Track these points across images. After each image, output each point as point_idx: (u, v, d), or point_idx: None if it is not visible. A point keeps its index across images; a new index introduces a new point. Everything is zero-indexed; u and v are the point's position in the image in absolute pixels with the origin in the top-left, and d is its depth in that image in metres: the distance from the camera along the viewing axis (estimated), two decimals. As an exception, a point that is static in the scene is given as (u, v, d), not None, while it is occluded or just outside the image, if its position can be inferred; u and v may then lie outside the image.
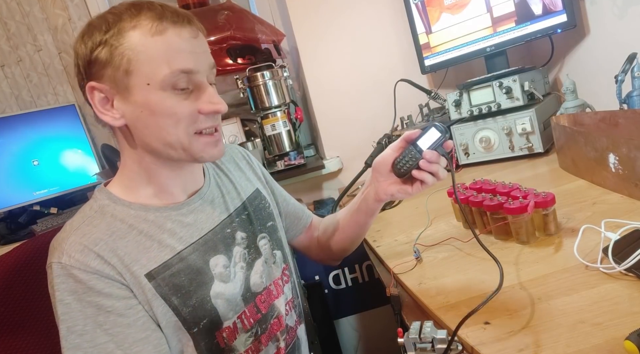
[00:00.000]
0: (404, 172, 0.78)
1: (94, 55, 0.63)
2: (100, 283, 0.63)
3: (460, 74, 1.66)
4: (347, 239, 0.94)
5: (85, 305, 0.62)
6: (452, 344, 0.55)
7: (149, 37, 0.62)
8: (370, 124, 1.68)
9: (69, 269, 0.62)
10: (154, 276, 0.67)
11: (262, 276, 0.80)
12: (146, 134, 0.66)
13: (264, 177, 0.93)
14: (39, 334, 0.84)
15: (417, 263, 0.82)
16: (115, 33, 0.62)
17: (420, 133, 0.77)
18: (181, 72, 0.63)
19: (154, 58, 0.62)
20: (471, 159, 1.34)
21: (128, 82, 0.63)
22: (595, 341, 0.50)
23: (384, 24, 1.69)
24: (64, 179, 1.71)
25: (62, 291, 0.62)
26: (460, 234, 0.88)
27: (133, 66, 0.62)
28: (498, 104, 1.26)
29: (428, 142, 0.76)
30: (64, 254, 0.63)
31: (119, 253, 0.65)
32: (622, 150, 0.82)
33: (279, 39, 1.75)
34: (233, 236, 0.78)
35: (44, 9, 1.79)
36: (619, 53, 1.08)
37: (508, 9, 1.37)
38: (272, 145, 1.67)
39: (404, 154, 0.78)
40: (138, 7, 0.63)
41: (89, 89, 0.65)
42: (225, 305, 0.73)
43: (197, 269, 0.71)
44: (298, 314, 0.89)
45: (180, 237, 0.71)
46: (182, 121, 0.65)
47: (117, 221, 0.68)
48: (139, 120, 0.65)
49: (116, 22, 0.62)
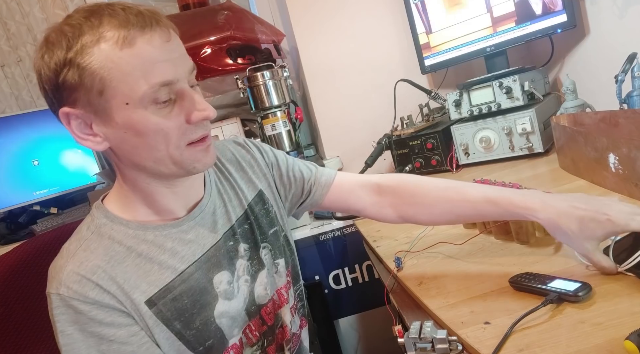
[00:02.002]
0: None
1: (61, 78, 0.56)
2: (100, 312, 0.61)
3: (460, 74, 1.66)
4: (442, 215, 0.79)
5: (87, 335, 0.61)
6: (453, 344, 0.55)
7: (118, 51, 0.55)
8: (370, 124, 1.68)
9: (68, 301, 0.60)
10: (155, 302, 0.64)
11: (266, 287, 0.77)
12: (134, 154, 0.62)
13: (272, 170, 0.84)
14: (39, 335, 0.84)
15: (398, 272, 0.81)
16: (79, 50, 0.55)
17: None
18: (161, 85, 0.57)
19: (128, 74, 0.56)
20: (471, 159, 1.34)
21: (104, 103, 0.57)
22: (596, 341, 0.50)
23: (384, 23, 1.69)
24: (64, 179, 1.71)
25: (62, 322, 0.61)
26: (461, 234, 0.88)
27: (107, 86, 0.56)
28: (498, 104, 1.26)
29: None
30: (62, 285, 0.60)
31: (118, 280, 0.62)
32: (622, 150, 0.82)
33: (279, 39, 1.75)
34: (236, 248, 0.74)
35: (43, 9, 1.79)
36: (619, 53, 1.07)
37: (508, 9, 1.36)
38: (272, 145, 1.67)
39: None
40: (98, 16, 0.56)
41: (62, 116, 0.59)
42: (230, 323, 0.71)
43: (201, 289, 0.68)
44: (301, 316, 0.87)
45: (182, 256, 0.68)
46: (172, 136, 0.60)
47: (115, 243, 0.65)
48: (124, 142, 0.60)
49: (77, 37, 0.55)
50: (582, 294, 0.57)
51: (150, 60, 0.57)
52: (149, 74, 0.56)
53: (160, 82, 0.57)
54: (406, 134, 1.44)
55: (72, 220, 1.56)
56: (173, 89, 0.59)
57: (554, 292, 0.58)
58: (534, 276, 0.63)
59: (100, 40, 0.55)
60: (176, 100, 0.60)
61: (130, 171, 0.66)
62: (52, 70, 0.57)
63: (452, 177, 1.26)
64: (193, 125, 0.62)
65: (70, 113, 0.59)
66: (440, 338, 0.57)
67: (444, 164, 1.35)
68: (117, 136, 0.60)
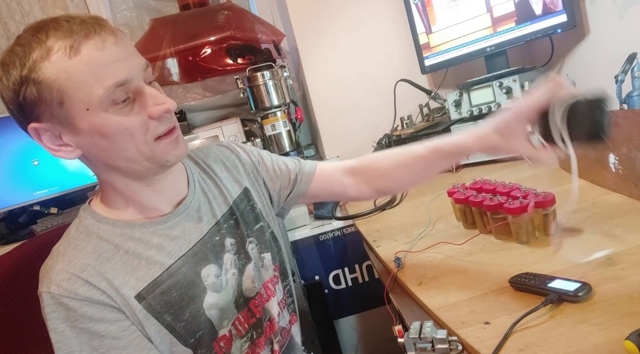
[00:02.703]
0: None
1: (21, 97, 0.58)
2: (91, 309, 0.62)
3: (460, 74, 1.66)
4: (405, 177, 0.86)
5: (79, 332, 0.62)
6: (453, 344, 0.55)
7: (68, 61, 0.57)
8: (370, 124, 1.68)
9: (59, 298, 0.61)
10: (144, 296, 0.66)
11: (254, 280, 0.78)
12: (106, 157, 0.64)
13: (256, 168, 0.87)
14: (38, 336, 0.84)
15: (398, 272, 0.81)
16: (32, 66, 0.57)
17: None
18: (116, 86, 0.59)
19: (82, 81, 0.58)
20: (471, 159, 1.34)
21: (66, 113, 0.59)
22: (596, 341, 0.50)
23: (384, 23, 1.69)
24: (64, 179, 1.70)
25: (54, 319, 0.62)
26: (462, 234, 0.88)
27: (65, 96, 0.58)
28: (498, 104, 1.26)
29: None
30: (52, 284, 0.62)
31: (107, 276, 0.64)
32: (622, 150, 0.82)
33: (279, 39, 1.75)
34: (222, 243, 0.76)
35: (44, 9, 1.79)
36: (619, 53, 1.07)
37: (508, 9, 1.37)
38: (272, 145, 1.67)
39: None
40: (43, 31, 0.58)
41: (32, 132, 0.62)
42: (220, 314, 0.72)
43: (189, 282, 0.69)
44: (291, 312, 0.88)
45: (169, 252, 0.69)
46: (136, 133, 0.62)
47: (103, 241, 0.67)
48: (93, 146, 0.62)
49: (27, 55, 0.57)
50: (582, 294, 0.57)
51: (101, 64, 0.58)
52: (102, 77, 0.58)
53: (114, 84, 0.59)
54: (406, 134, 1.44)
55: (72, 220, 1.56)
56: (129, 88, 0.61)
57: (554, 292, 0.58)
58: (534, 276, 0.63)
59: (49, 53, 0.57)
60: (135, 98, 0.62)
61: (107, 175, 0.67)
62: (12, 90, 0.59)
63: (453, 179, 1.26)
64: (156, 120, 0.63)
65: (38, 128, 0.61)
66: (440, 338, 0.57)
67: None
68: (86, 142, 0.62)
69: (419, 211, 1.10)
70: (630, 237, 0.70)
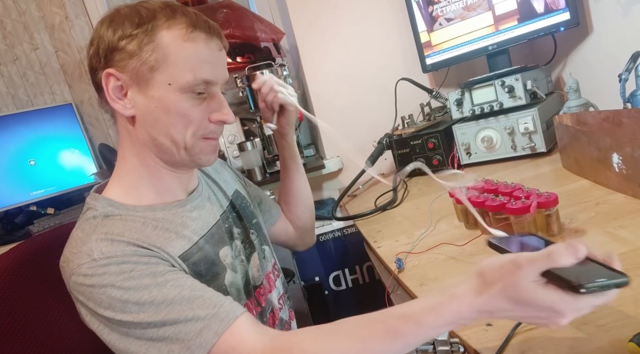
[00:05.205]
0: None
1: (121, 44, 0.64)
2: (143, 258, 0.60)
3: (462, 72, 1.65)
4: (297, 203, 1.00)
5: (139, 276, 0.58)
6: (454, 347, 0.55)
7: (181, 42, 0.64)
8: (370, 124, 1.67)
9: (105, 262, 0.58)
10: (186, 259, 0.67)
11: (259, 269, 0.82)
12: (155, 128, 0.67)
13: (244, 179, 0.97)
14: (37, 337, 0.83)
15: (399, 273, 0.80)
16: (149, 29, 0.64)
17: None
18: (203, 81, 0.66)
19: (182, 62, 0.65)
20: (473, 159, 1.33)
21: (151, 77, 0.65)
22: (599, 343, 0.49)
23: (385, 22, 1.68)
24: (61, 179, 1.70)
25: (108, 280, 0.57)
26: (464, 235, 0.87)
27: (160, 65, 0.64)
28: (500, 103, 1.25)
29: None
30: (94, 251, 0.59)
31: (147, 241, 0.63)
32: (625, 150, 0.81)
33: (279, 38, 1.74)
34: (231, 230, 0.80)
35: (40, 7, 1.78)
36: (623, 51, 1.07)
37: (510, 7, 1.35)
38: (272, 145, 1.66)
39: None
40: (173, 9, 0.65)
41: (105, 75, 0.65)
42: (237, 295, 0.74)
43: (211, 260, 0.71)
44: (289, 308, 0.91)
45: (193, 229, 0.71)
46: (192, 124, 0.68)
47: (129, 221, 0.65)
48: (150, 114, 0.66)
49: (150, 19, 0.64)
50: None
51: (203, 59, 0.67)
52: (197, 69, 0.66)
53: (204, 79, 0.66)
54: (407, 134, 1.43)
55: (70, 220, 1.55)
56: (209, 88, 0.68)
57: None
58: None
59: (171, 27, 0.65)
60: (207, 97, 0.69)
61: (140, 148, 0.69)
62: (118, 36, 0.64)
63: (453, 177, 1.25)
64: (212, 123, 0.70)
65: (114, 74, 0.65)
66: (442, 339, 0.57)
67: (445, 164, 1.34)
68: (146, 106, 0.66)
69: (420, 212, 1.09)
70: (634, 238, 0.69)
